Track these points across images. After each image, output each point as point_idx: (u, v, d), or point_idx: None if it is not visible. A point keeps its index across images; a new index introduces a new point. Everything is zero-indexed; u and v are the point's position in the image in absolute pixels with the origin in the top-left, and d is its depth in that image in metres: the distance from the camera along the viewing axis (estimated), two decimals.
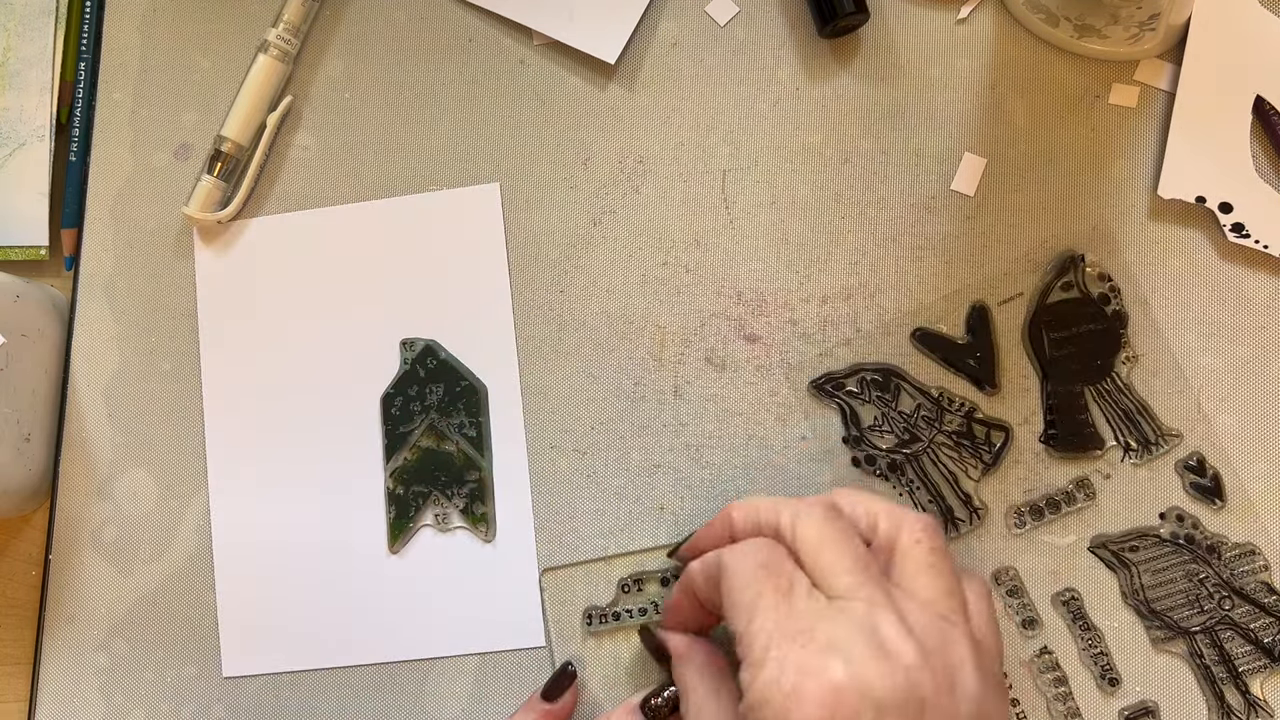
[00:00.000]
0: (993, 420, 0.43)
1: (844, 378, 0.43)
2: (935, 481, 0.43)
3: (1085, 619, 0.42)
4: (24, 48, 0.48)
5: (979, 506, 0.42)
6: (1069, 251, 0.43)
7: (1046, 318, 0.43)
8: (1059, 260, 0.43)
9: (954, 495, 0.42)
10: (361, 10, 0.48)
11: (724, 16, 0.46)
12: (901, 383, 0.43)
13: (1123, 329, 0.43)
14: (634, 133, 0.46)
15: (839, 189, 0.45)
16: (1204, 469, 0.42)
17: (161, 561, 0.46)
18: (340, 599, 0.45)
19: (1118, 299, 0.43)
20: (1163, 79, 0.44)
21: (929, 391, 0.43)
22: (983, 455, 0.43)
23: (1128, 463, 0.42)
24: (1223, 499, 0.42)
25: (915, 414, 0.43)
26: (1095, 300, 0.43)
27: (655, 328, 0.45)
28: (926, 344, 0.43)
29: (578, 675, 0.42)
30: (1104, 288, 0.43)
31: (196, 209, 0.46)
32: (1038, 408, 0.43)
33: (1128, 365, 0.42)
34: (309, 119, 0.47)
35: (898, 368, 0.43)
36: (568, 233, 0.46)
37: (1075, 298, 0.43)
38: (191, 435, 0.46)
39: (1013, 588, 0.42)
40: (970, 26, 0.45)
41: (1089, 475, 0.42)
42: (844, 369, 0.43)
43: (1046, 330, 0.43)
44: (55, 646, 0.46)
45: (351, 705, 0.44)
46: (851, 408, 0.43)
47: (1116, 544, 0.42)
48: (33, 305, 0.46)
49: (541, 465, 0.45)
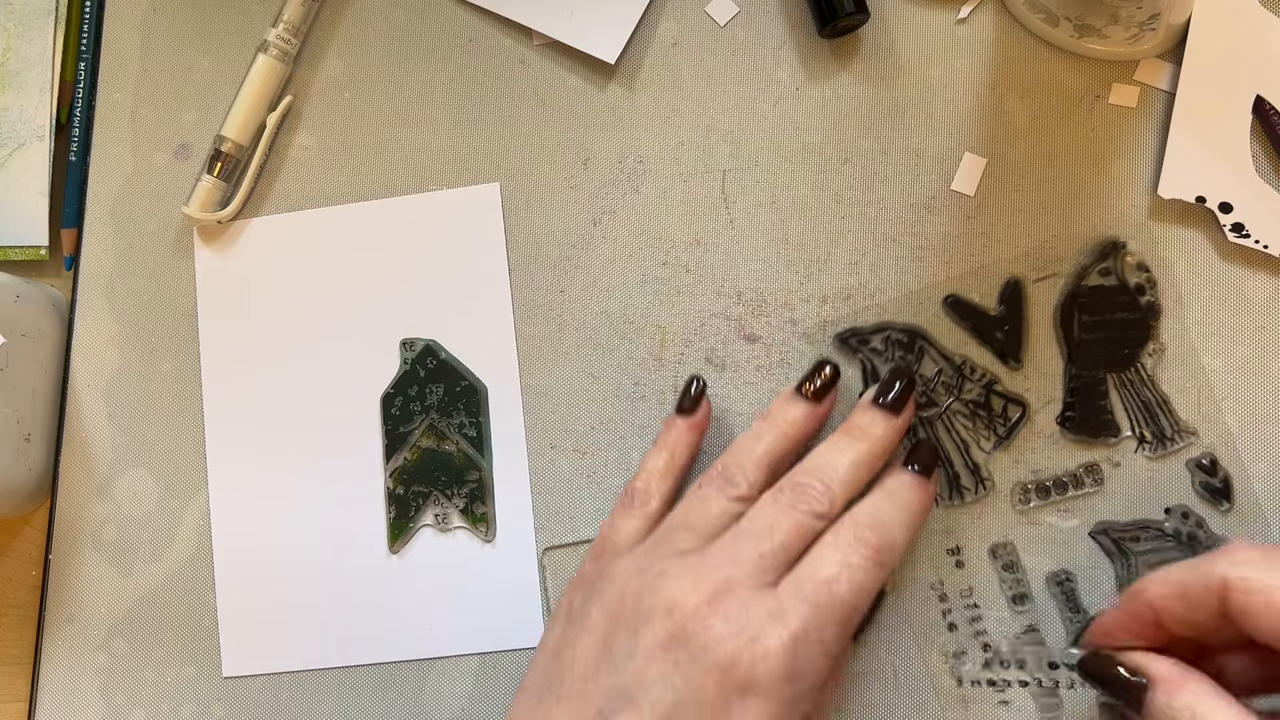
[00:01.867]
0: (1011, 394, 0.43)
1: (869, 334, 0.43)
2: (946, 447, 0.42)
3: (1076, 602, 0.42)
4: (24, 48, 0.48)
5: (986, 478, 0.42)
6: (1112, 237, 0.43)
7: (1080, 300, 0.43)
8: (1100, 245, 0.43)
9: (963, 464, 0.42)
10: (361, 10, 0.48)
11: (724, 16, 0.46)
12: (927, 346, 0.43)
13: (1154, 321, 0.42)
14: (634, 133, 0.46)
15: (839, 189, 0.45)
16: (1215, 469, 0.42)
17: (161, 561, 0.46)
18: (340, 599, 0.45)
19: (1153, 291, 0.42)
20: (1163, 79, 0.44)
21: (952, 358, 0.43)
22: (997, 428, 0.42)
23: (1140, 454, 0.42)
24: (1231, 501, 0.42)
25: (935, 379, 0.43)
26: (1131, 290, 0.42)
27: (655, 328, 0.45)
28: (957, 311, 0.43)
29: (707, 383, 0.42)
30: (1141, 278, 0.43)
31: (196, 209, 0.46)
32: (1058, 388, 0.43)
33: (1153, 358, 0.42)
34: (309, 119, 0.47)
35: (924, 330, 0.43)
36: (568, 233, 0.46)
37: (1112, 285, 0.43)
38: (191, 435, 0.46)
39: (1009, 562, 0.42)
40: (970, 26, 0.45)
41: (1100, 462, 0.42)
42: (870, 325, 0.43)
43: (1079, 313, 0.42)
44: (55, 646, 0.46)
45: (351, 705, 0.44)
46: (873, 364, 0.43)
47: (1118, 532, 0.42)
48: (33, 305, 0.46)
49: (541, 465, 0.45)
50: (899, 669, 0.42)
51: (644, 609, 0.34)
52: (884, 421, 0.39)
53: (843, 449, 0.38)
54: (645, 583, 0.35)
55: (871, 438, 0.39)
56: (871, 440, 0.39)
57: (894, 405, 0.39)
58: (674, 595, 0.34)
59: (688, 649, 0.33)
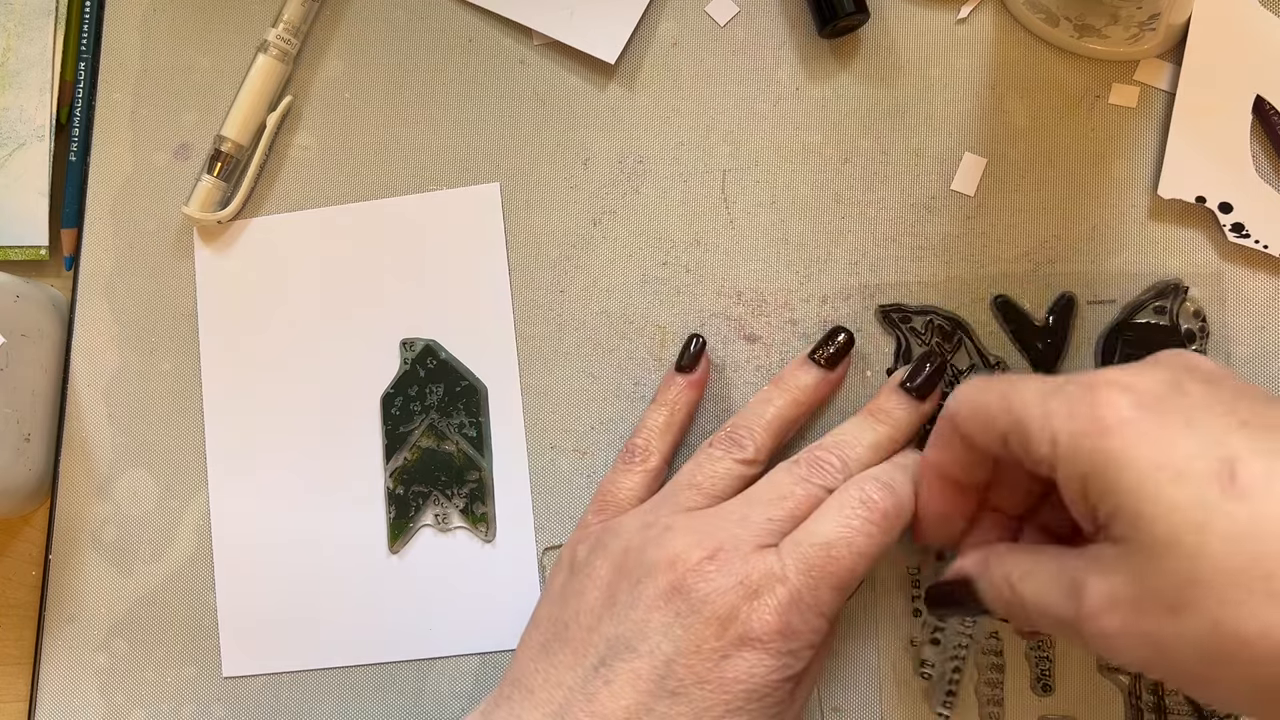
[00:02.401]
0: None
1: (913, 313, 0.43)
2: None
3: None
4: (24, 48, 0.48)
5: None
6: (1176, 279, 0.42)
7: (1127, 334, 0.42)
8: (1162, 283, 0.42)
9: None
10: (361, 10, 0.48)
11: (724, 16, 0.46)
12: (966, 339, 0.42)
13: None
14: (634, 133, 0.46)
15: (839, 189, 0.45)
16: None
17: (161, 561, 0.46)
18: (340, 599, 0.45)
19: (1203, 342, 0.42)
20: (1163, 79, 0.44)
21: (988, 356, 0.42)
22: None
23: None
24: None
25: (967, 372, 0.42)
26: (1181, 334, 0.42)
27: (655, 328, 0.45)
28: (1004, 312, 0.43)
29: (705, 341, 0.43)
30: (1195, 325, 0.42)
31: (196, 209, 0.46)
32: None
33: None
34: (309, 119, 0.47)
35: (968, 324, 0.43)
36: (568, 233, 0.46)
37: (1163, 325, 0.42)
38: (191, 435, 0.46)
39: None
40: (970, 26, 0.45)
41: None
42: (916, 305, 0.43)
43: (1123, 345, 0.42)
44: (55, 646, 0.46)
45: (351, 705, 0.44)
46: (909, 344, 0.43)
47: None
48: (33, 305, 0.46)
49: (541, 465, 0.45)
50: (894, 665, 0.42)
51: (647, 562, 0.35)
52: (908, 406, 0.40)
53: (865, 429, 0.39)
54: (650, 537, 0.36)
55: (894, 420, 0.39)
56: (894, 424, 0.39)
57: (921, 390, 0.40)
58: (678, 550, 0.35)
59: (688, 600, 0.34)
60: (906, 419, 0.39)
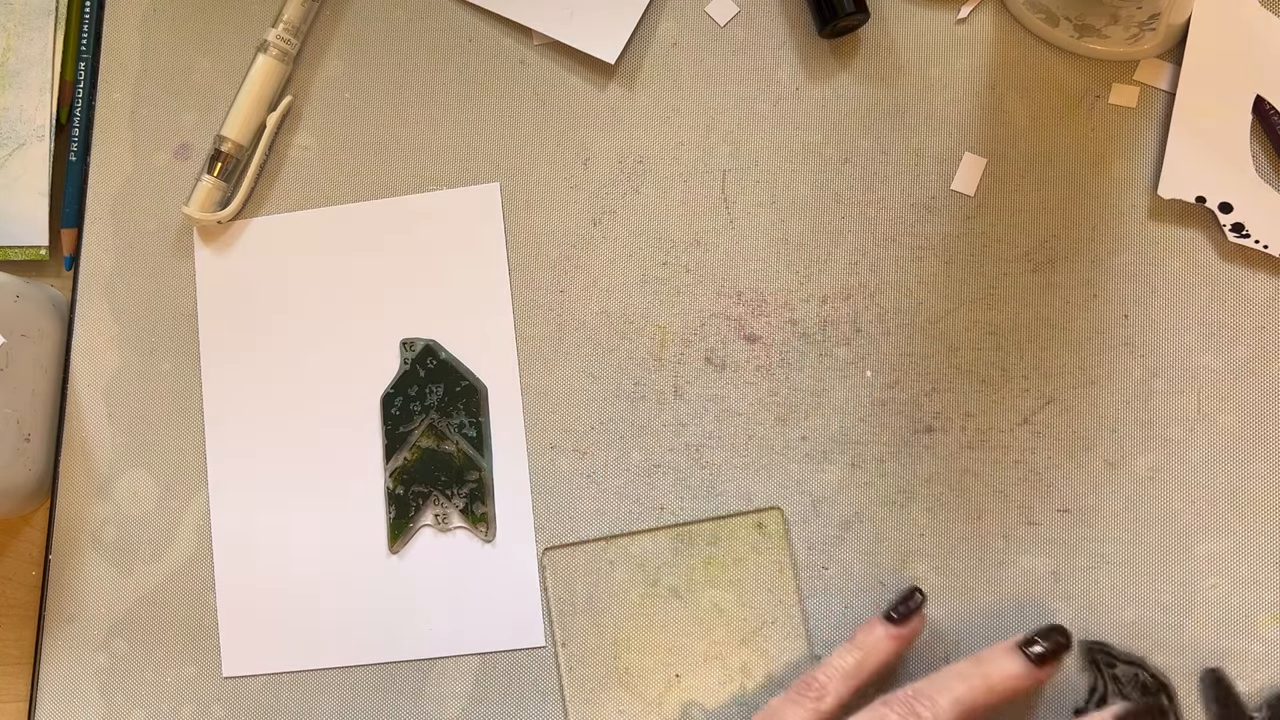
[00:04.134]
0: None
1: (1120, 660, 0.41)
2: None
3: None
4: (24, 48, 0.48)
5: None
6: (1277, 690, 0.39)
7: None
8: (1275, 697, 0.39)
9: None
10: (361, 10, 0.48)
11: (724, 16, 0.46)
12: (1167, 702, 0.39)
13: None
14: (634, 133, 0.46)
15: (839, 189, 0.45)
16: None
17: (161, 561, 0.46)
18: (340, 599, 0.45)
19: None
20: (1163, 79, 0.44)
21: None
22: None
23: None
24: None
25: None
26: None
27: (655, 328, 0.45)
28: (1215, 689, 0.39)
29: (926, 598, 0.41)
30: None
31: (196, 209, 0.46)
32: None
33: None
34: (309, 119, 0.47)
35: (1172, 688, 0.40)
36: (568, 233, 0.46)
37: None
38: (191, 435, 0.46)
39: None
40: (970, 26, 0.45)
41: None
42: (1126, 654, 0.41)
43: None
44: (55, 646, 0.46)
45: (351, 705, 0.44)
46: (1107, 690, 0.40)
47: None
48: (33, 305, 0.46)
49: (541, 465, 0.45)
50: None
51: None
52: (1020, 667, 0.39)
53: (958, 681, 0.39)
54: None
55: (992, 682, 0.38)
56: (989, 684, 0.38)
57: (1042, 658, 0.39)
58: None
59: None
60: (1009, 683, 0.38)
